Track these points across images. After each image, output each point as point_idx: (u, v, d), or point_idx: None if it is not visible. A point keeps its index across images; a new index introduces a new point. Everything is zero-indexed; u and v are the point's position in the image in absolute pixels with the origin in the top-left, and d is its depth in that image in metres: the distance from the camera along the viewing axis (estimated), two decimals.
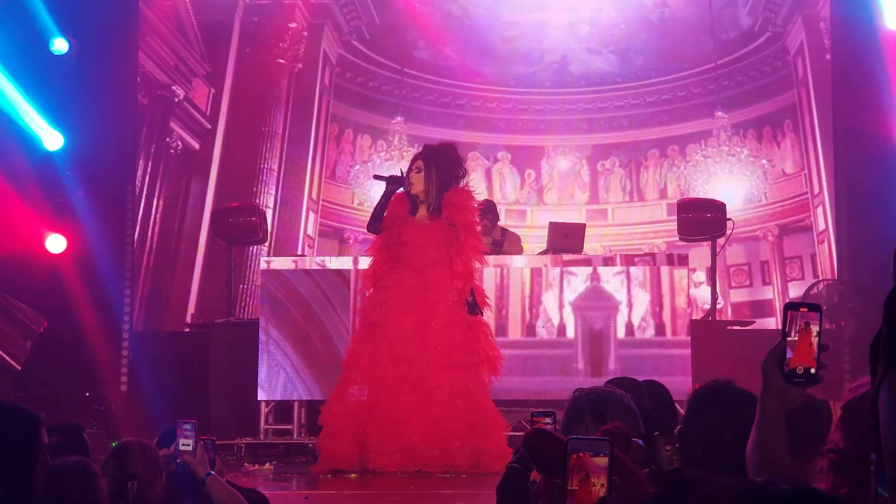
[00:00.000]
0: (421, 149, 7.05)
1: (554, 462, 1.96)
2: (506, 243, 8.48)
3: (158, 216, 10.56)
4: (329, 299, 7.82)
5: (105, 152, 8.58)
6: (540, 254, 8.45)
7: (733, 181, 11.71)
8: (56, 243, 8.35)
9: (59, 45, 8.32)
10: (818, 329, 2.06)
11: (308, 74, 11.54)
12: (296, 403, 7.76)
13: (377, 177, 6.82)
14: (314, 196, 11.58)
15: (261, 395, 7.66)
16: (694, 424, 2.71)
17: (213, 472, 3.68)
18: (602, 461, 1.80)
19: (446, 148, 6.84)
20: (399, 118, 11.93)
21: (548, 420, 3.24)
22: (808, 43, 11.10)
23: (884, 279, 1.57)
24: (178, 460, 3.65)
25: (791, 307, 2.07)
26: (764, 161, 11.67)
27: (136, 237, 9.47)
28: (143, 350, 8.64)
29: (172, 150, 10.77)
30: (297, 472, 6.55)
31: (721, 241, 8.50)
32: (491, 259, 7.92)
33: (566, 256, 8.10)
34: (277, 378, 7.68)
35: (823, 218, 10.83)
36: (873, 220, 8.25)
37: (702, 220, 8.33)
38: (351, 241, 11.70)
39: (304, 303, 7.77)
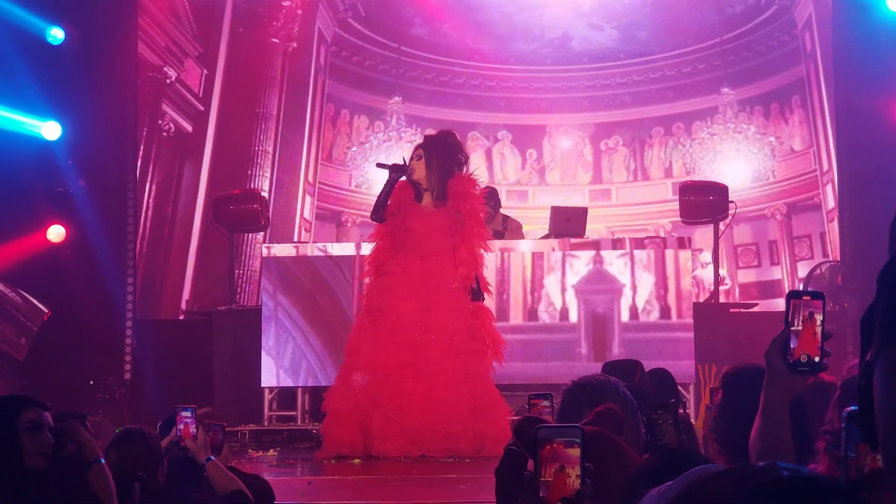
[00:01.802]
0: (422, 139, 7.40)
1: None
2: (507, 231, 8.80)
3: (151, 201, 10.76)
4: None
5: (105, 141, 8.94)
6: (542, 238, 8.73)
7: (740, 159, 11.99)
8: (57, 233, 8.74)
9: (56, 34, 8.68)
10: (822, 317, 2.14)
11: (303, 54, 11.79)
12: (299, 390, 8.08)
13: (380, 165, 7.12)
14: (310, 179, 11.85)
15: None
16: (727, 407, 2.89)
17: (213, 458, 3.89)
18: (576, 451, 1.80)
19: (445, 135, 7.17)
20: (396, 98, 12.22)
21: (545, 403, 3.41)
22: (817, 16, 11.28)
23: (886, 259, 1.66)
24: (179, 445, 3.89)
25: (794, 296, 2.15)
26: (771, 138, 11.93)
27: None
28: (146, 338, 9.03)
29: (165, 133, 10.98)
30: (300, 459, 6.89)
31: (723, 223, 8.84)
32: (496, 243, 8.26)
33: (574, 240, 8.35)
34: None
35: (833, 196, 11.02)
36: (876, 200, 8.57)
37: (704, 202, 8.64)
38: (349, 224, 11.98)
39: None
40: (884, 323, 1.56)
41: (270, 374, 8.01)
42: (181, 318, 10.52)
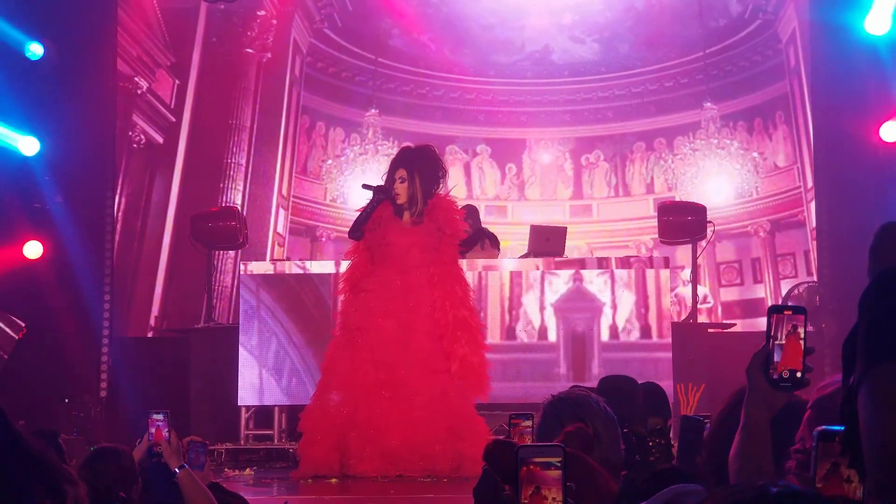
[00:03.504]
0: (398, 153, 7.61)
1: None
2: (483, 250, 9.13)
3: (120, 214, 10.90)
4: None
5: (83, 157, 9.30)
6: (521, 257, 9.03)
7: (723, 175, 12.29)
8: (34, 249, 9.09)
9: (35, 50, 9.05)
10: (804, 332, 2.21)
11: (277, 64, 12.05)
12: (276, 409, 8.42)
13: (366, 186, 7.35)
14: (284, 192, 12.09)
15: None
16: (723, 433, 2.96)
17: (185, 466, 4.01)
18: (554, 473, 1.88)
19: (425, 151, 7.43)
20: (373, 110, 12.51)
21: (527, 423, 3.51)
22: (801, 31, 11.54)
23: (864, 280, 1.77)
24: (152, 450, 4.01)
25: (775, 310, 2.22)
26: (755, 154, 12.22)
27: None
28: (122, 355, 9.37)
29: (135, 145, 11.15)
30: (277, 478, 7.17)
31: (702, 244, 9.26)
32: (479, 262, 8.62)
33: (558, 259, 8.65)
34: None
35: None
36: (854, 221, 9.01)
37: (682, 222, 9.06)
38: (324, 239, 12.23)
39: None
40: (865, 348, 1.65)
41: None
42: (150, 334, 10.78)
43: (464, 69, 12.62)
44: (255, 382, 8.33)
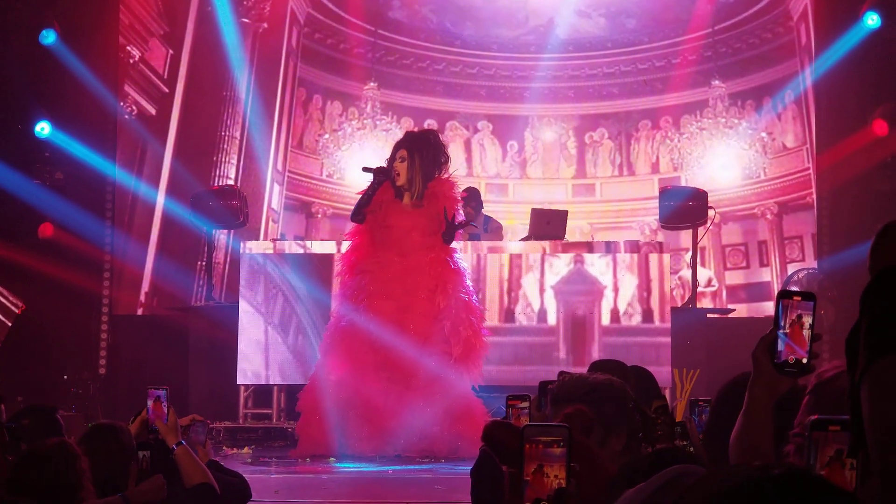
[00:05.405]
0: (402, 136, 8.09)
1: (516, 453, 2.12)
2: (487, 233, 9.54)
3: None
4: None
5: (86, 135, 9.76)
6: (522, 240, 9.44)
7: (730, 155, 12.60)
8: (46, 230, 9.59)
9: (48, 36, 9.52)
10: (811, 319, 2.31)
11: (274, 35, 12.29)
12: (275, 388, 8.89)
13: (366, 169, 7.80)
14: (279, 167, 12.38)
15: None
16: (721, 418, 2.92)
17: (183, 442, 4.21)
18: (558, 451, 1.98)
19: (428, 135, 7.94)
20: (372, 84, 12.83)
21: (524, 404, 3.62)
22: (812, 8, 11.74)
23: (864, 269, 1.89)
24: (150, 427, 4.20)
25: (784, 296, 2.31)
26: (763, 134, 12.52)
27: None
28: (121, 333, 9.84)
29: (127, 116, 11.32)
30: (275, 457, 7.62)
31: (702, 229, 9.67)
32: (483, 244, 9.04)
33: (564, 242, 8.99)
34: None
35: None
36: (854, 209, 9.47)
37: (684, 207, 9.44)
38: (319, 215, 12.56)
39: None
40: (867, 342, 1.76)
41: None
42: (140, 311, 11.14)
43: (466, 42, 12.89)
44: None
